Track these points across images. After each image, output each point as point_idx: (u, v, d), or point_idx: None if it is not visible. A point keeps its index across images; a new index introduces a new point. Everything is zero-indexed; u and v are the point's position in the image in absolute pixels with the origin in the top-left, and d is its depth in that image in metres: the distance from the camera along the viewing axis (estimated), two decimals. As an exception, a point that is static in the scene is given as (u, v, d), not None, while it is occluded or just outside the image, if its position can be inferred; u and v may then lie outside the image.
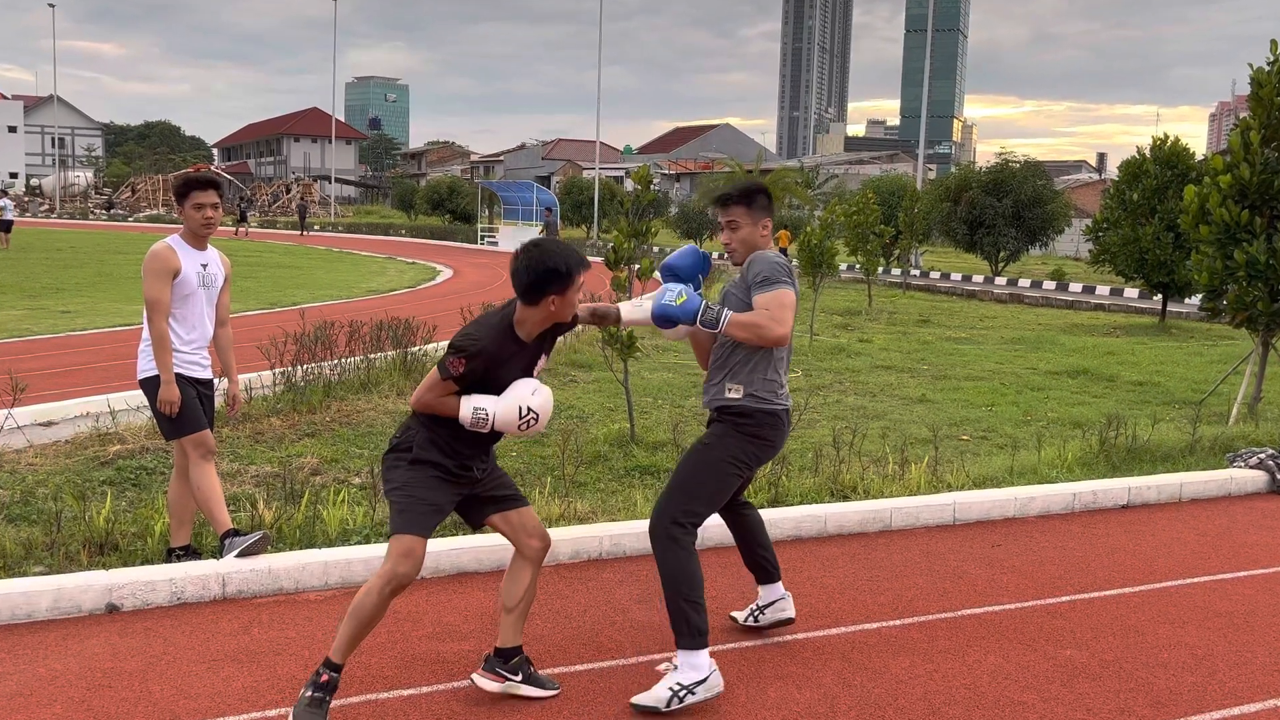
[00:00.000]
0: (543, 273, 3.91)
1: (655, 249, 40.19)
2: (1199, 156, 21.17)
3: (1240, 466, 8.17)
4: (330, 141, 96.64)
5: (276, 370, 9.98)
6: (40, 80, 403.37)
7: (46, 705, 4.01)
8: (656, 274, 4.92)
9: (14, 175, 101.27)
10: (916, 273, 36.29)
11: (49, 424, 8.73)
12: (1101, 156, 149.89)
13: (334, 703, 3.89)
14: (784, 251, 47.14)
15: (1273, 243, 10.48)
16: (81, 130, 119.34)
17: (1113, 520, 7.13)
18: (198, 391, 5.44)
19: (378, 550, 5.48)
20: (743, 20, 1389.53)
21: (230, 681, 4.27)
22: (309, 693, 3.80)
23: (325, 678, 3.82)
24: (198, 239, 5.45)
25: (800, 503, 6.85)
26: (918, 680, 4.46)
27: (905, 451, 8.03)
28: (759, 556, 4.85)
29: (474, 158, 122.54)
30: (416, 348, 11.52)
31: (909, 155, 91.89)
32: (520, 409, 3.90)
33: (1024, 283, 32.73)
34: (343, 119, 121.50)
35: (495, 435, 4.07)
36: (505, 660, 4.17)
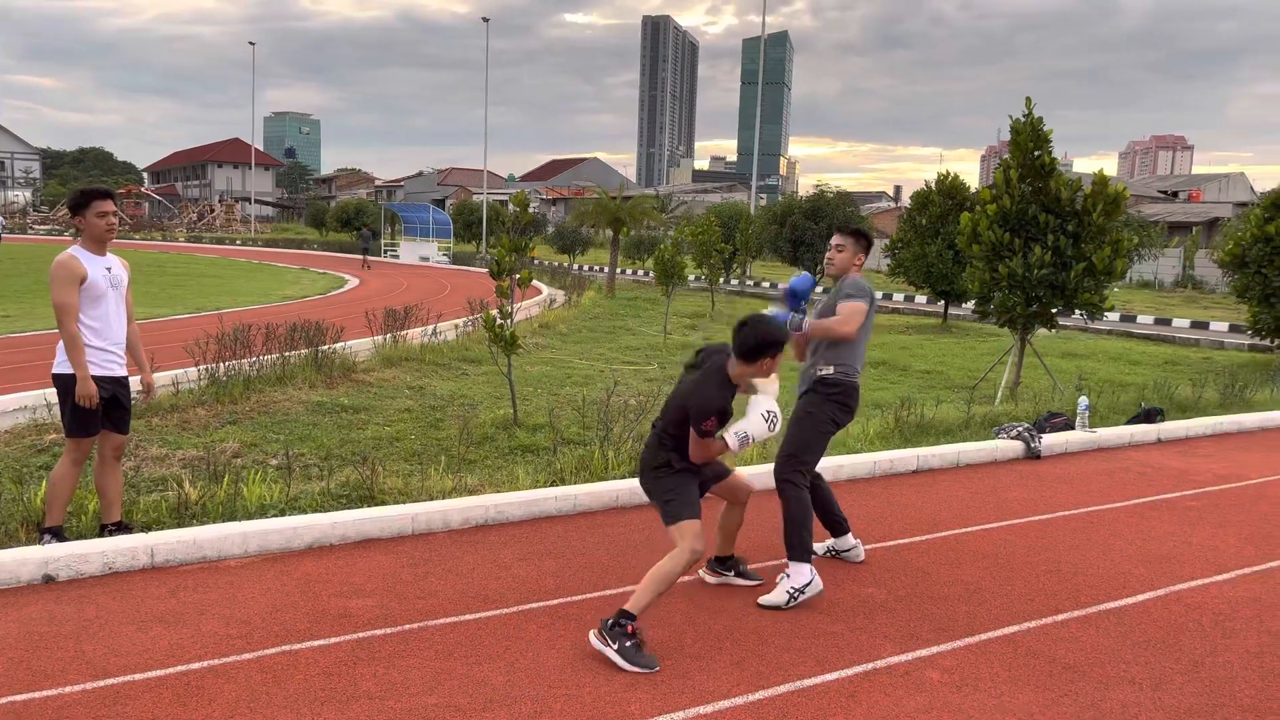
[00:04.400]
0: (767, 343, 4.24)
1: (535, 262, 39.91)
2: (973, 189, 22.05)
3: (1004, 438, 8.51)
4: (250, 168, 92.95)
5: (201, 367, 9.57)
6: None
7: (-13, 667, 3.76)
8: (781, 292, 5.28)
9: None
10: (750, 282, 36.87)
11: (-10, 416, 8.19)
12: (897, 189, 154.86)
13: (252, 654, 3.76)
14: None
15: (1027, 259, 11.00)
16: (20, 154, 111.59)
17: (905, 483, 7.34)
18: (114, 390, 5.14)
19: (292, 522, 5.32)
20: (608, 70, 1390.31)
21: (158, 640, 4.07)
22: (626, 642, 3.99)
23: (630, 628, 4.04)
24: (99, 245, 5.10)
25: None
26: (749, 616, 4.54)
27: (741, 429, 8.14)
28: (832, 516, 5.32)
29: (378, 182, 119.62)
30: (327, 346, 11.19)
31: (744, 186, 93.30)
32: (764, 417, 4.26)
33: (837, 291, 33.55)
34: (261, 148, 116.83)
35: None
36: (723, 563, 4.95)
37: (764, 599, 4.71)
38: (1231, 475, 7.89)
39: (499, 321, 8.49)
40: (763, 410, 4.26)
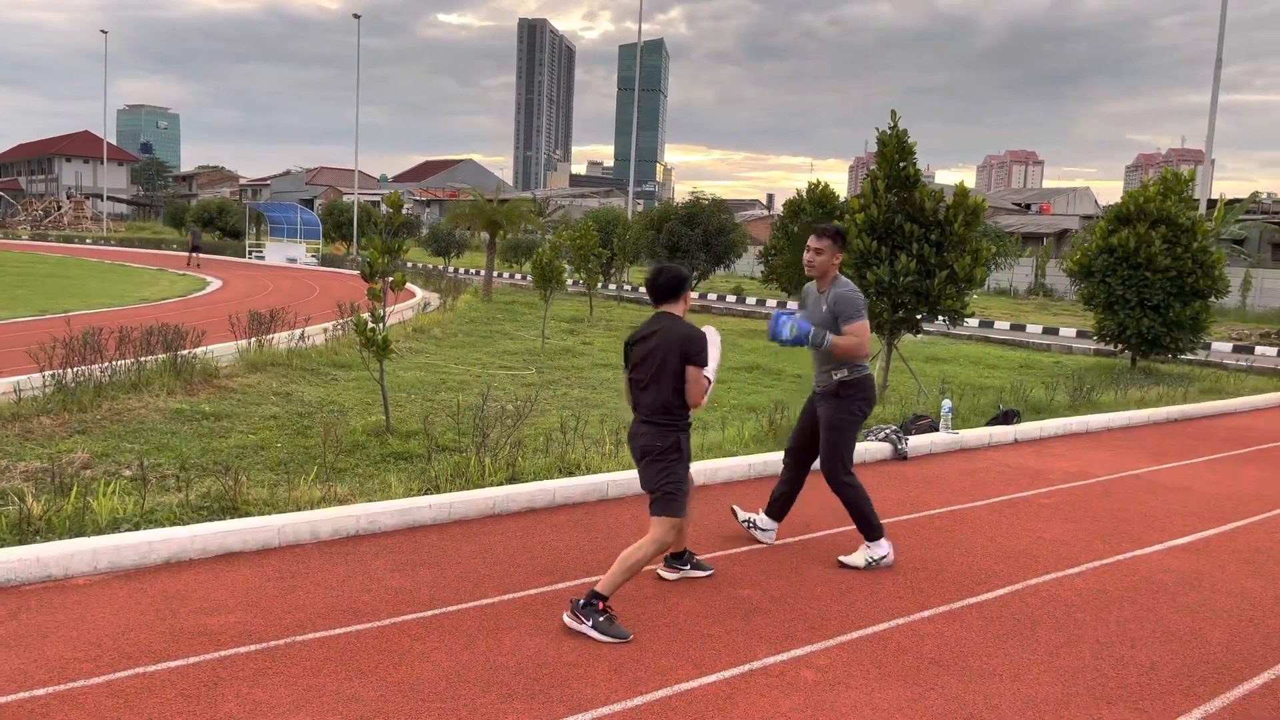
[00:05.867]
0: (681, 278, 4.75)
1: (408, 264, 39.13)
2: (842, 198, 22.75)
3: (872, 440, 8.77)
4: (103, 162, 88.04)
5: (48, 373, 8.98)
6: None
7: None
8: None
9: None
10: (628, 287, 37.09)
11: None
12: (770, 196, 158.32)
13: (102, 678, 3.53)
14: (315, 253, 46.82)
15: (894, 267, 11.40)
16: None
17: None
18: None
19: (147, 536, 5.04)
20: (484, 72, 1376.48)
21: (-4, 666, 3.79)
22: (600, 618, 4.32)
23: (602, 605, 4.36)
24: None
25: (534, 479, 6.83)
26: (628, 622, 4.53)
27: (620, 434, 8.15)
28: (783, 500, 5.84)
29: (242, 181, 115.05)
30: (187, 351, 10.67)
31: (621, 191, 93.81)
32: (717, 347, 4.74)
33: (712, 296, 34.19)
34: (115, 142, 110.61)
35: None
36: (678, 559, 5.15)
37: (844, 558, 5.46)
38: (1080, 473, 8.35)
39: (371, 325, 8.27)
40: (716, 339, 4.71)
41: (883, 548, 5.44)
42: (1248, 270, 34.20)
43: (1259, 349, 21.26)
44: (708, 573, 5.21)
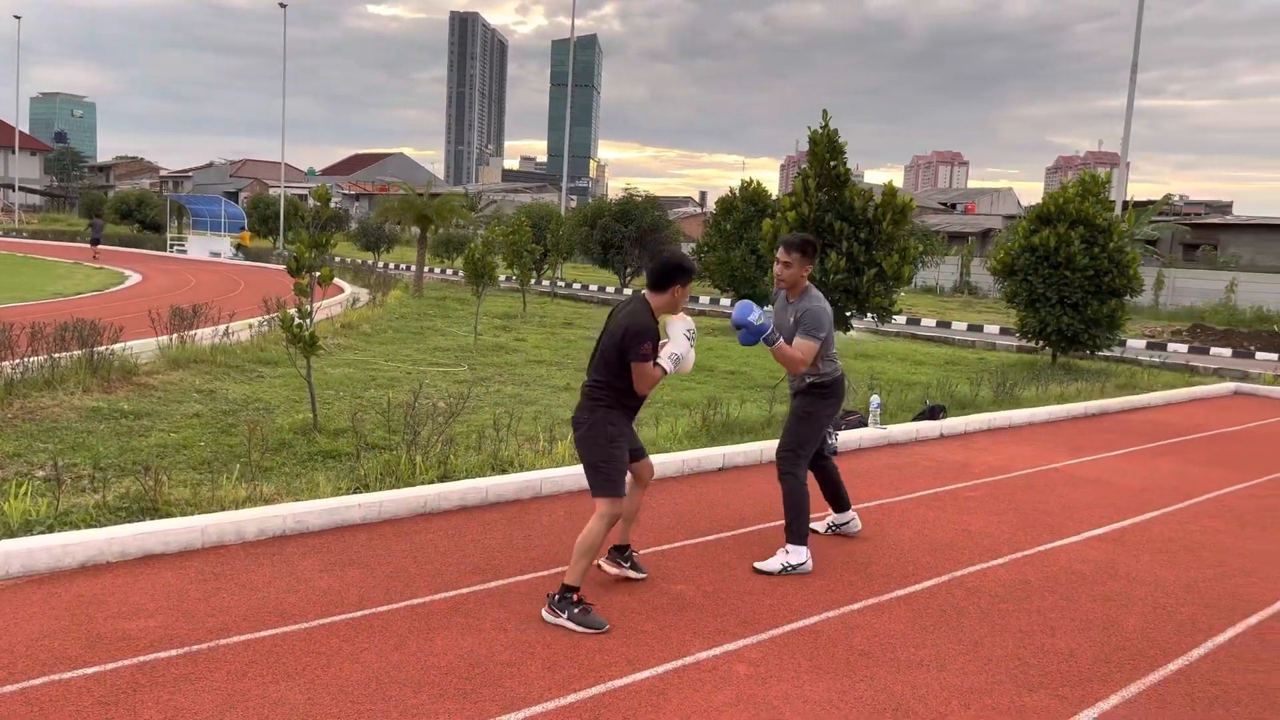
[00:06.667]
0: (675, 269, 4.65)
1: (336, 259, 38.44)
2: (774, 196, 22.97)
3: (803, 435, 8.87)
4: (14, 152, 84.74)
5: (-47, 370, 8.62)
6: None
7: None
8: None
9: None
10: (561, 284, 37.00)
11: None
12: (703, 194, 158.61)
13: (14, 686, 3.40)
14: (240, 246, 46.34)
15: (824, 265, 11.55)
16: None
17: (712, 480, 7.53)
18: None
19: (61, 539, 4.87)
20: (415, 65, 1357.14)
21: (-102, 677, 3.62)
22: (575, 609, 4.37)
23: (575, 596, 4.42)
24: None
25: (466, 477, 6.77)
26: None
27: (553, 431, 8.13)
28: (836, 493, 6.01)
29: (163, 172, 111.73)
30: (104, 347, 10.32)
31: (555, 187, 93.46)
32: (686, 335, 4.68)
33: (645, 292, 34.18)
34: (27, 130, 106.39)
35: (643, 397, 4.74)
36: (620, 553, 5.11)
37: (760, 564, 5.35)
38: (1004, 467, 8.57)
39: (297, 321, 8.10)
40: (684, 330, 4.70)
41: (801, 554, 5.40)
42: (1160, 270, 35.43)
43: (1171, 346, 22.06)
44: (642, 575, 5.16)
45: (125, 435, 7.79)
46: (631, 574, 5.16)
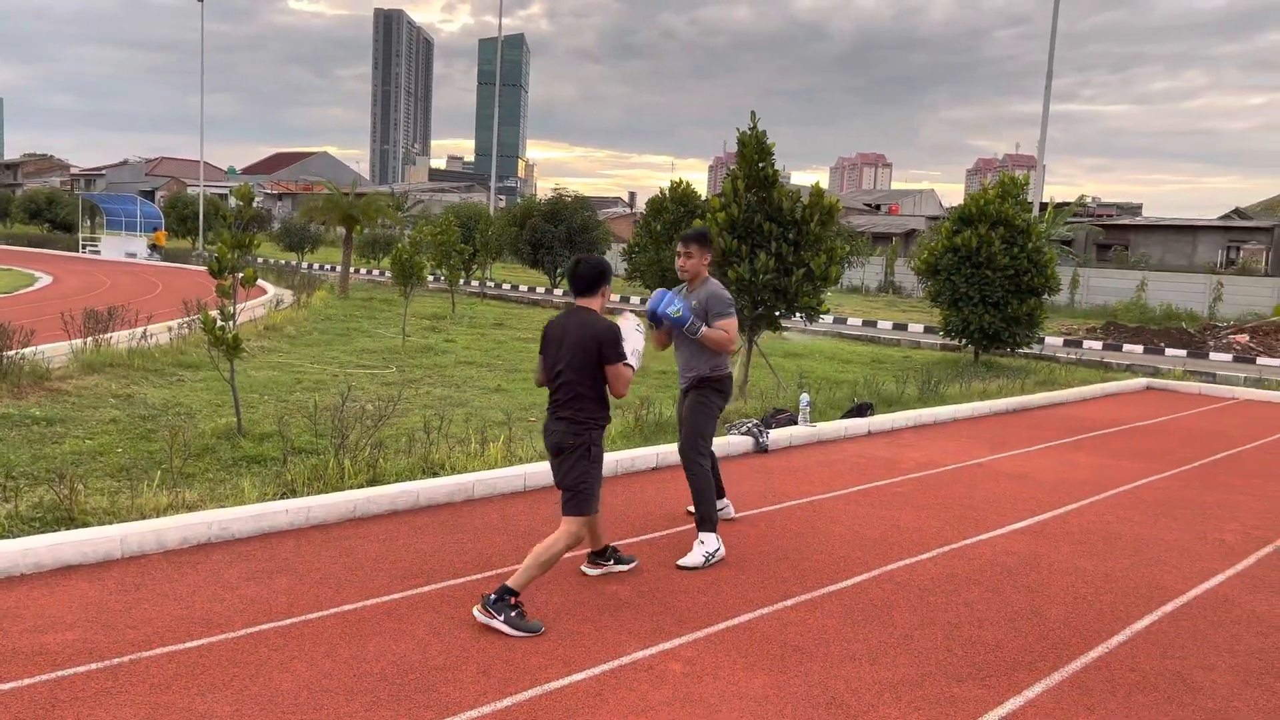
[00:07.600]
0: (601, 271, 4.78)
1: (259, 260, 37.57)
2: (703, 197, 23.11)
3: (734, 433, 8.95)
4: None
5: None
6: None
7: None
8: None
9: None
10: (491, 284, 36.71)
11: None
12: (633, 195, 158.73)
13: (-80, 708, 3.24)
14: (156, 247, 45.58)
15: (754, 265, 11.65)
16: None
17: (646, 480, 7.54)
18: None
19: (-29, 551, 4.66)
20: (338, 62, 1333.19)
21: None
22: (511, 613, 4.32)
23: (514, 600, 4.35)
24: None
25: (396, 480, 6.67)
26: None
27: (485, 433, 8.06)
28: (715, 482, 6.02)
29: (74, 170, 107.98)
30: (14, 351, 9.93)
31: (483, 186, 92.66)
32: (637, 329, 4.83)
33: (576, 293, 34.09)
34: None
35: None
36: (601, 555, 5.21)
37: (682, 561, 5.42)
38: (930, 462, 8.75)
39: (220, 323, 7.90)
40: (633, 325, 4.82)
41: (715, 540, 5.56)
42: (1076, 269, 36.60)
43: (1086, 343, 22.79)
44: (632, 564, 5.29)
45: (38, 442, 7.51)
46: (618, 568, 5.25)
